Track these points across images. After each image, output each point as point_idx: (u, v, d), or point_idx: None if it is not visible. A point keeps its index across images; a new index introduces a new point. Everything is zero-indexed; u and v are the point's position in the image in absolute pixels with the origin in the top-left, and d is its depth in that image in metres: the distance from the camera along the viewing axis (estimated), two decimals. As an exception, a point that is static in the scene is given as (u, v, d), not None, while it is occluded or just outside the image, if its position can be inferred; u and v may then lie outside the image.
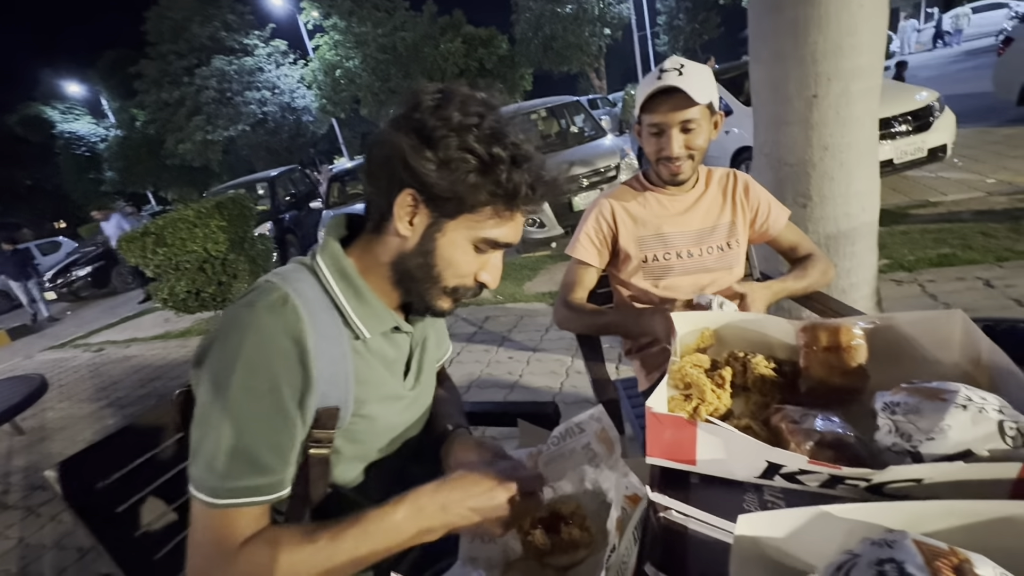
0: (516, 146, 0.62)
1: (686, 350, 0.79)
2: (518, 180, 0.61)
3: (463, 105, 0.60)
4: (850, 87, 1.75)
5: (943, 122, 4.15)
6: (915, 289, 2.67)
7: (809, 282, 1.20)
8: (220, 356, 0.59)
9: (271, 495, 0.60)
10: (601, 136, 5.83)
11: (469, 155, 0.59)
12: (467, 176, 0.60)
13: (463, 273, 0.68)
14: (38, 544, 2.30)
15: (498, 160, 0.60)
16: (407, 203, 0.63)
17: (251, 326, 0.59)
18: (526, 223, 4.56)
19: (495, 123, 0.61)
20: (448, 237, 0.65)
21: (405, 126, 0.61)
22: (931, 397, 0.51)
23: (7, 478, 3.00)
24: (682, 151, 1.14)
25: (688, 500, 0.56)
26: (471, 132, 0.60)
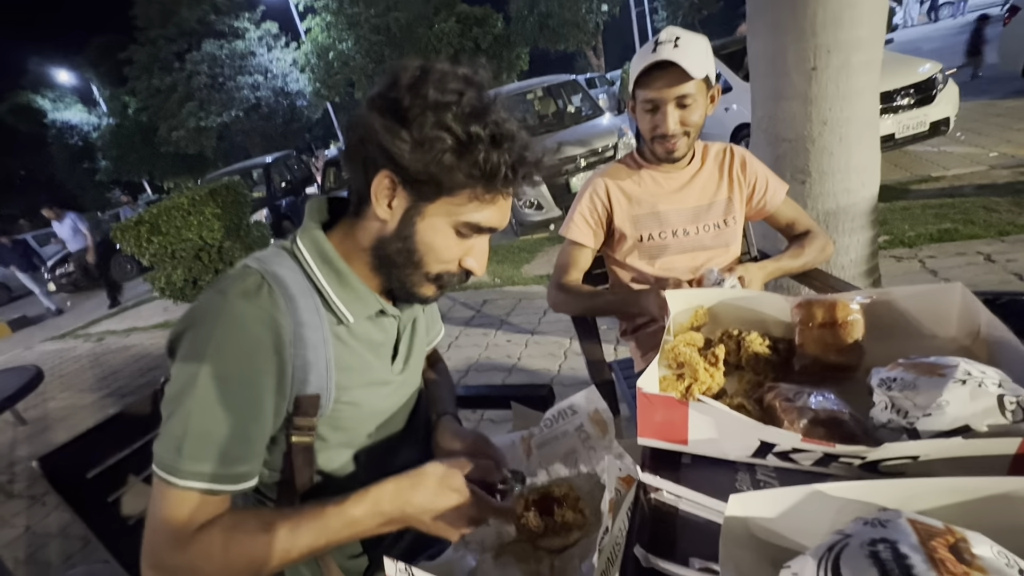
0: (497, 124, 0.58)
1: (680, 329, 0.77)
2: (497, 160, 0.58)
3: (440, 82, 0.57)
4: (850, 59, 1.70)
5: (946, 95, 4.08)
6: (915, 265, 2.65)
7: (806, 259, 1.18)
8: (192, 343, 0.58)
9: (235, 485, 0.58)
10: (599, 115, 5.74)
11: (445, 134, 0.56)
12: (442, 156, 0.57)
13: (445, 259, 0.65)
14: (44, 532, 2.32)
15: (476, 139, 0.57)
16: (384, 185, 0.60)
17: (223, 313, 0.58)
18: (523, 205, 4.48)
19: (475, 101, 0.58)
20: (428, 221, 0.62)
21: (380, 105, 0.58)
22: (929, 372, 0.49)
23: (11, 468, 3.02)
24: (677, 128, 1.11)
25: (679, 481, 0.55)
26: (448, 110, 0.56)
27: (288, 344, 0.61)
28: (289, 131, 19.32)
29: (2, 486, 2.74)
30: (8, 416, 3.54)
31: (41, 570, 2.08)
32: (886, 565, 0.32)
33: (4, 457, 3.22)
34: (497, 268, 4.24)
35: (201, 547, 0.54)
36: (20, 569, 2.10)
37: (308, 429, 0.65)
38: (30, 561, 2.15)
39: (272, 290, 0.61)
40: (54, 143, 22.26)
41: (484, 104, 0.58)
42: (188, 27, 17.70)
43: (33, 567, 2.11)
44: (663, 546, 0.48)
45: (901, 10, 19.22)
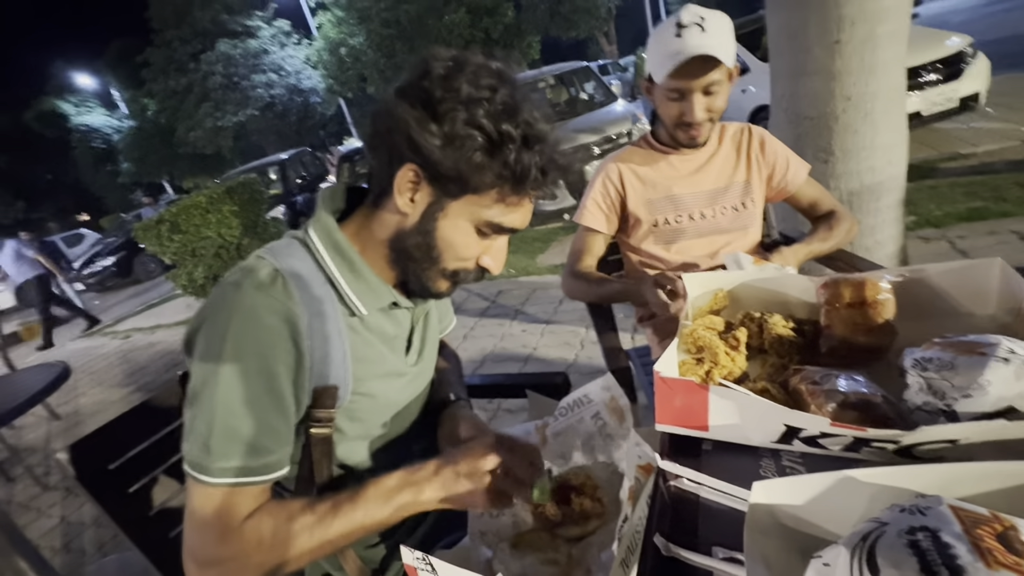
0: (529, 124, 0.56)
1: (698, 313, 0.75)
2: (528, 162, 0.56)
3: (475, 76, 0.56)
4: (876, 30, 1.63)
5: (976, 69, 3.90)
6: (944, 246, 2.56)
7: (835, 242, 1.14)
8: (209, 338, 0.58)
9: (267, 475, 0.59)
10: (612, 102, 5.65)
11: (477, 132, 0.55)
12: (473, 155, 0.55)
13: (464, 256, 0.64)
14: (78, 522, 2.40)
15: (508, 139, 0.55)
16: (408, 179, 0.59)
17: (238, 306, 0.57)
18: (536, 195, 4.49)
19: (508, 97, 0.56)
20: (450, 218, 0.61)
21: (411, 96, 0.57)
22: (967, 351, 0.46)
23: (46, 460, 3.13)
24: (704, 115, 1.07)
25: (700, 468, 0.53)
26: (481, 106, 0.55)
27: (304, 335, 0.60)
28: (303, 128, 19.46)
29: (38, 478, 2.84)
30: (42, 411, 3.67)
31: (76, 559, 2.15)
32: (927, 555, 0.30)
33: (39, 450, 3.34)
34: (511, 258, 4.22)
35: (250, 534, 0.56)
36: (56, 558, 2.18)
37: (327, 421, 0.65)
38: (66, 550, 2.23)
39: (286, 281, 0.60)
40: (78, 147, 22.83)
41: (517, 102, 0.57)
42: (201, 27, 17.91)
43: (68, 556, 2.18)
44: (684, 535, 0.46)
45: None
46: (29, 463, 2.98)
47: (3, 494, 2.79)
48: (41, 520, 2.49)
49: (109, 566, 1.85)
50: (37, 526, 2.44)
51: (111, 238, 10.72)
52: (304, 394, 0.63)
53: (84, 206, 27.88)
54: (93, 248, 10.56)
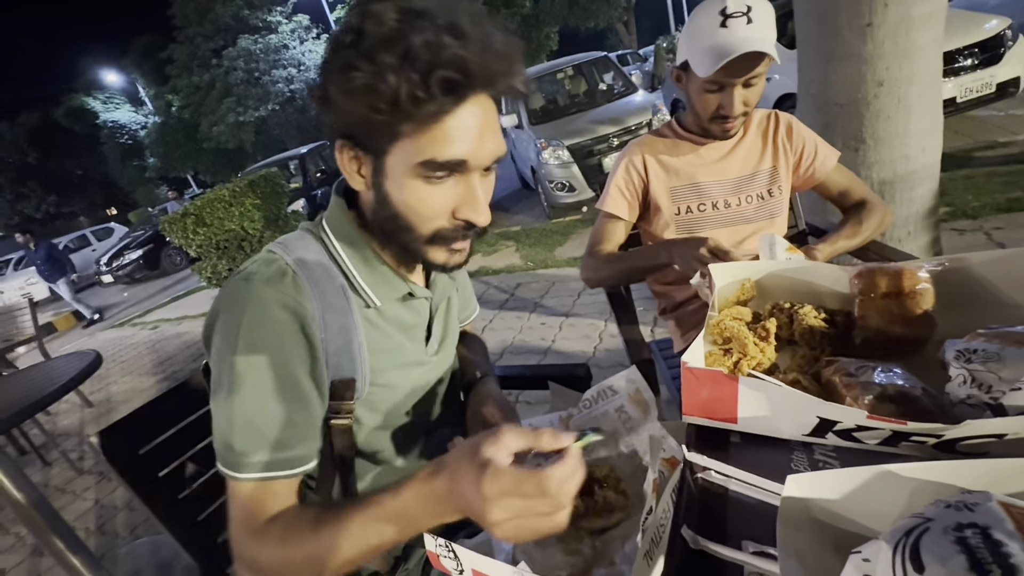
0: (408, 38, 0.47)
1: (725, 303, 0.73)
2: (396, 82, 0.48)
3: (352, 20, 0.50)
4: (911, 12, 1.56)
5: (1016, 52, 3.72)
6: (980, 238, 2.46)
7: (865, 236, 1.09)
8: (222, 334, 0.58)
9: (293, 469, 0.58)
10: (632, 92, 5.56)
11: (351, 72, 0.49)
12: (358, 98, 0.50)
13: (428, 214, 0.57)
14: (111, 505, 2.49)
15: (385, 68, 0.48)
16: (346, 157, 0.58)
17: (249, 301, 0.57)
18: (555, 187, 4.42)
19: (394, 22, 0.48)
20: (392, 177, 0.56)
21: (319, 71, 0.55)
22: (1016, 343, 0.44)
23: (80, 446, 3.25)
24: (742, 109, 1.03)
25: (728, 461, 0.52)
26: (355, 47, 0.49)
27: (316, 328, 0.60)
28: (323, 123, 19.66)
29: (73, 463, 2.95)
30: (75, 398, 3.80)
31: (109, 540, 2.23)
32: (976, 553, 0.29)
33: (74, 436, 3.46)
34: (530, 251, 4.21)
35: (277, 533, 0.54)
36: (91, 539, 2.26)
37: (347, 412, 0.65)
38: (100, 532, 2.31)
39: (296, 275, 0.60)
40: (106, 143, 23.50)
41: (403, 23, 0.48)
42: (223, 23, 18.17)
43: (103, 538, 2.27)
44: (713, 528, 0.45)
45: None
46: (64, 448, 3.10)
47: (40, 478, 2.91)
48: (76, 503, 2.58)
49: (141, 548, 1.91)
50: (73, 508, 2.54)
51: (139, 232, 11.01)
52: (323, 387, 0.62)
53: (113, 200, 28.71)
54: (122, 242, 10.86)
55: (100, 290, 10.79)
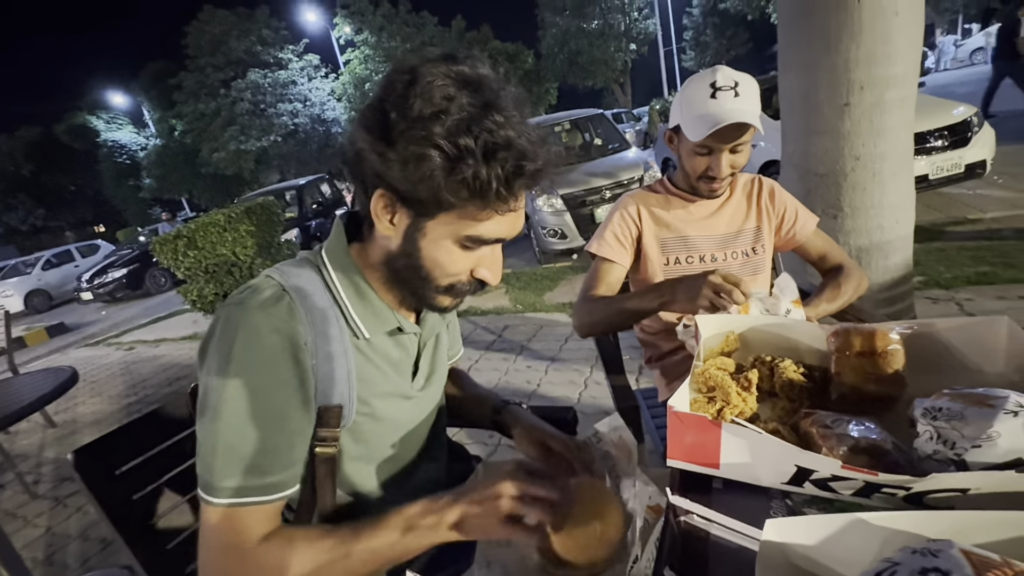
0: (491, 132, 0.52)
1: (710, 354, 0.76)
2: (487, 176, 0.52)
3: (427, 89, 0.52)
4: (884, 96, 1.70)
5: (982, 138, 4.01)
6: (952, 307, 2.56)
7: (845, 300, 1.14)
8: (214, 357, 0.58)
9: (273, 495, 0.58)
10: (625, 149, 5.80)
11: (432, 150, 0.52)
12: (432, 174, 0.52)
13: (452, 272, 0.62)
14: (64, 534, 2.35)
15: (466, 153, 0.52)
16: (382, 204, 0.59)
17: (241, 325, 0.58)
18: (547, 233, 4.50)
19: (469, 106, 0.52)
20: (430, 237, 0.59)
21: (368, 119, 0.56)
22: (977, 403, 0.47)
23: (38, 468, 3.09)
24: (728, 171, 1.11)
25: (711, 506, 0.53)
26: (434, 122, 0.52)
27: (308, 354, 0.61)
28: (323, 156, 20.07)
29: (28, 486, 2.79)
30: (39, 418, 3.65)
31: (58, 571, 2.09)
32: (938, 594, 0.31)
33: (33, 457, 3.30)
34: (519, 294, 4.25)
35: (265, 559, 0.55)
36: (38, 569, 2.12)
37: (332, 440, 0.65)
38: (48, 562, 2.17)
39: (292, 301, 0.61)
40: (104, 161, 23.59)
41: (478, 108, 0.53)
42: (235, 56, 18.80)
43: (51, 568, 2.13)
44: (695, 570, 0.46)
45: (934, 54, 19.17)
46: (20, 470, 2.94)
47: (-10, 500, 2.75)
48: (27, 529, 2.44)
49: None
50: (22, 535, 2.39)
51: (125, 250, 10.90)
52: (310, 413, 0.63)
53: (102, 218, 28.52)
54: (106, 259, 10.72)
55: (77, 307, 10.54)
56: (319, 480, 0.67)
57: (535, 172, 0.55)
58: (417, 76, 0.53)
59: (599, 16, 19.52)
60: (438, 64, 0.54)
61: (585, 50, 19.64)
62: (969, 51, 18.32)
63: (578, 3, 19.34)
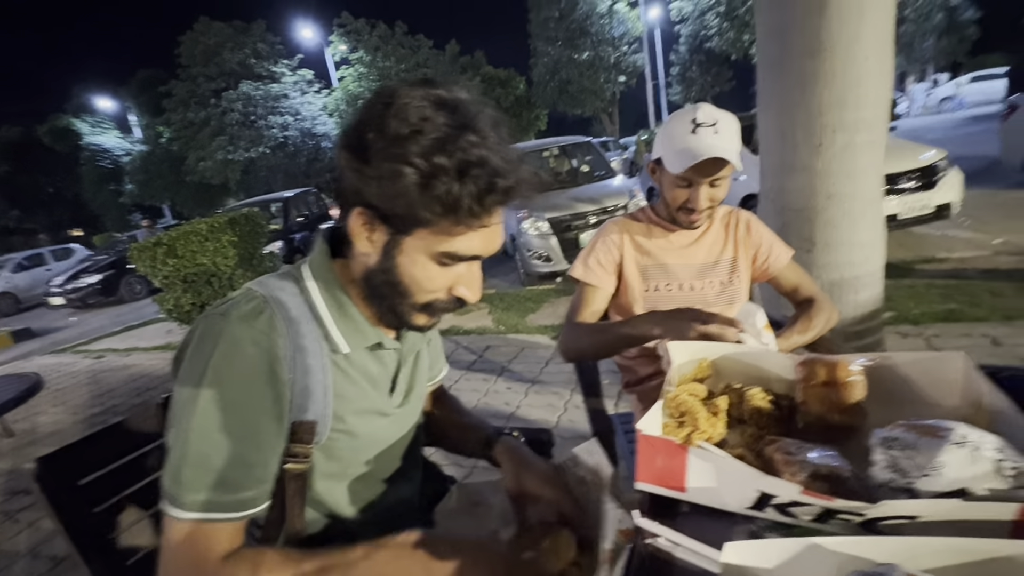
0: (464, 151, 0.53)
1: (682, 379, 0.78)
2: (459, 193, 0.53)
3: (403, 111, 0.54)
4: (855, 139, 1.78)
5: (950, 181, 4.21)
6: (920, 343, 2.64)
7: (816, 332, 1.17)
8: (190, 366, 0.58)
9: (241, 512, 0.57)
10: (611, 176, 5.95)
11: (407, 168, 0.53)
12: (406, 191, 0.54)
13: (430, 289, 0.63)
14: (12, 551, 2.23)
15: (440, 171, 0.53)
16: (361, 222, 0.60)
17: (222, 336, 0.58)
18: (532, 256, 4.54)
19: (444, 126, 0.54)
20: (407, 254, 0.60)
21: (349, 139, 0.57)
22: (928, 434, 0.50)
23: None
24: (707, 204, 1.15)
25: (677, 529, 0.54)
26: (411, 141, 0.53)
27: (286, 369, 0.61)
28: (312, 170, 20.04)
29: (-24, 499, 2.66)
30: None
31: (2, 592, 1.99)
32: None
33: (-16, 468, 3.14)
34: (502, 315, 4.26)
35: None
36: (-20, 589, 2.01)
37: (303, 456, 0.65)
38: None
39: (273, 314, 0.61)
40: (86, 164, 23.20)
41: (454, 129, 0.54)
42: (228, 68, 18.84)
43: (-6, 588, 2.02)
44: (658, 593, 0.47)
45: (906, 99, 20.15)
46: (-30, 481, 2.81)
47: (-65, 513, 2.60)
48: (-29, 545, 2.31)
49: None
50: (-35, 551, 2.26)
51: (101, 256, 10.65)
52: (284, 428, 0.62)
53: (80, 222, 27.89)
54: (81, 264, 10.45)
55: (46, 312, 10.21)
56: (288, 497, 0.66)
57: (508, 189, 0.56)
58: (395, 98, 0.55)
59: (590, 48, 20.10)
60: (416, 87, 0.56)
61: (575, 79, 20.16)
62: (938, 99, 19.33)
63: (570, 35, 19.92)
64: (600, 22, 19.89)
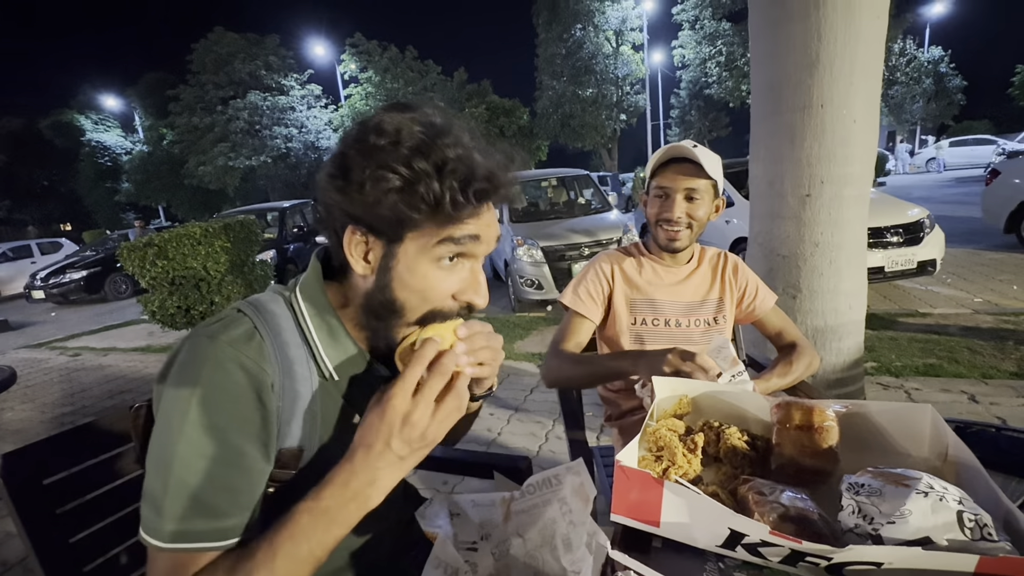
0: (441, 151, 0.55)
1: (663, 415, 0.79)
2: (440, 189, 0.55)
3: (379, 126, 0.56)
4: (842, 192, 1.85)
5: (933, 238, 4.34)
6: (900, 395, 2.67)
7: (796, 376, 1.19)
8: (175, 390, 0.56)
9: (223, 540, 0.55)
10: (607, 210, 6.05)
11: (387, 173, 0.54)
12: (388, 192, 0.55)
13: (432, 297, 0.61)
14: (-40, 552, 2.13)
15: (421, 173, 0.54)
16: (355, 241, 0.59)
17: (209, 359, 0.56)
18: (524, 283, 4.55)
19: (420, 134, 0.56)
20: (402, 263, 0.60)
21: (330, 167, 0.59)
22: (894, 482, 0.51)
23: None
24: (683, 216, 1.19)
25: (648, 564, 0.54)
26: (389, 151, 0.55)
27: (274, 395, 0.59)
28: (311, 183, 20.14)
29: (-69, 494, 2.55)
30: (-41, 420, 3.38)
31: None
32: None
33: (-58, 463, 3.02)
34: (490, 340, 4.25)
35: None
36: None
37: (283, 482, 0.63)
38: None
39: (262, 339, 0.60)
40: (84, 160, 23.14)
41: (430, 137, 0.56)
42: (238, 77, 19.12)
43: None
44: (624, 627, 0.47)
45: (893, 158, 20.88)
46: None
47: None
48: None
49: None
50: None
51: (89, 252, 10.52)
52: (271, 455, 0.61)
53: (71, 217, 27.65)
54: (68, 259, 10.30)
55: (26, 305, 10.00)
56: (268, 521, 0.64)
57: (488, 176, 0.57)
58: (372, 119, 0.57)
59: (594, 85, 20.72)
60: (391, 109, 0.58)
61: (578, 114, 20.70)
62: (925, 159, 20.08)
63: (575, 72, 20.55)
64: (605, 62, 20.57)
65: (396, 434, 0.54)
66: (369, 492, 0.55)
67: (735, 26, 19.10)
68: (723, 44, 19.61)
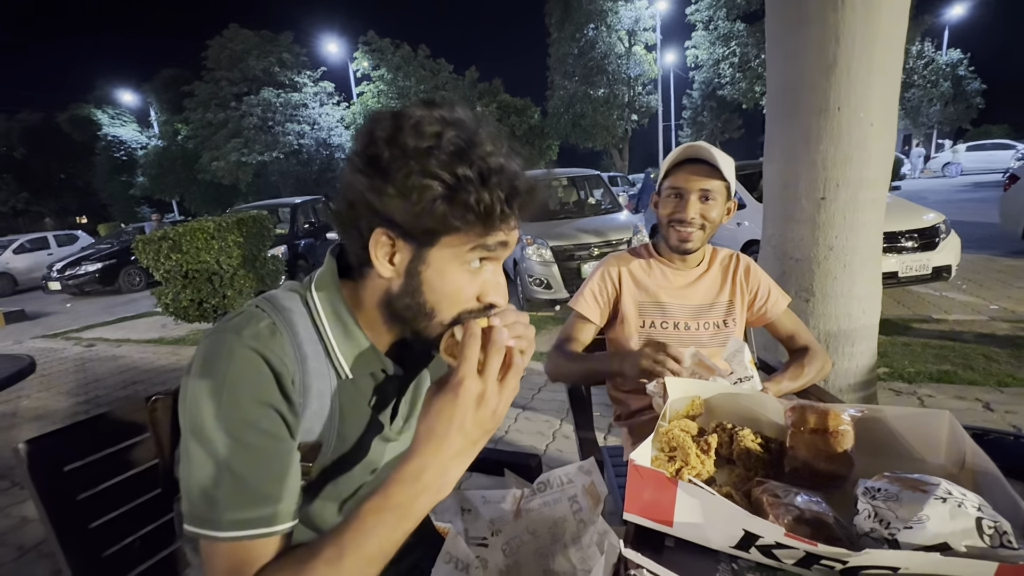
0: (483, 159, 0.55)
1: (675, 415, 0.79)
2: (490, 199, 0.55)
3: (417, 127, 0.55)
4: (858, 195, 1.83)
5: (949, 243, 4.27)
6: (914, 401, 2.64)
7: (807, 380, 1.19)
8: (205, 383, 0.57)
9: (280, 525, 0.56)
10: (617, 211, 6.02)
11: (432, 181, 0.54)
12: (434, 204, 0.54)
13: (459, 299, 0.62)
14: (-22, 536, 2.18)
15: (465, 181, 0.54)
16: (382, 243, 0.59)
17: (235, 355, 0.57)
18: (533, 282, 4.55)
19: (457, 139, 0.55)
20: (432, 266, 0.60)
21: (361, 164, 0.57)
22: (912, 487, 0.51)
23: (-37, 462, 2.89)
24: (696, 217, 1.19)
25: (661, 563, 0.54)
26: (431, 155, 0.54)
27: (297, 391, 0.60)
28: (323, 179, 20.31)
29: (-50, 479, 2.61)
30: (-23, 407, 3.45)
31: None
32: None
33: (-40, 449, 3.09)
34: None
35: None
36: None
37: (302, 475, 0.63)
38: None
39: (283, 335, 0.61)
40: (101, 154, 23.48)
41: (467, 141, 0.56)
42: (252, 74, 19.29)
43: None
44: (637, 624, 0.47)
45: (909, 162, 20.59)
46: (-54, 461, 2.75)
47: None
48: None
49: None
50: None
51: (104, 244, 10.68)
52: (296, 446, 0.61)
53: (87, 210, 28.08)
54: (84, 251, 10.47)
55: (43, 296, 10.17)
56: None
57: (529, 190, 0.59)
58: (401, 117, 0.56)
59: (606, 85, 20.63)
60: (419, 107, 0.58)
61: (589, 114, 20.63)
62: (941, 164, 19.78)
63: (587, 72, 20.47)
64: (617, 62, 20.47)
65: (471, 416, 0.53)
66: (442, 482, 0.54)
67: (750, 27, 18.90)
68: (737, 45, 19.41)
